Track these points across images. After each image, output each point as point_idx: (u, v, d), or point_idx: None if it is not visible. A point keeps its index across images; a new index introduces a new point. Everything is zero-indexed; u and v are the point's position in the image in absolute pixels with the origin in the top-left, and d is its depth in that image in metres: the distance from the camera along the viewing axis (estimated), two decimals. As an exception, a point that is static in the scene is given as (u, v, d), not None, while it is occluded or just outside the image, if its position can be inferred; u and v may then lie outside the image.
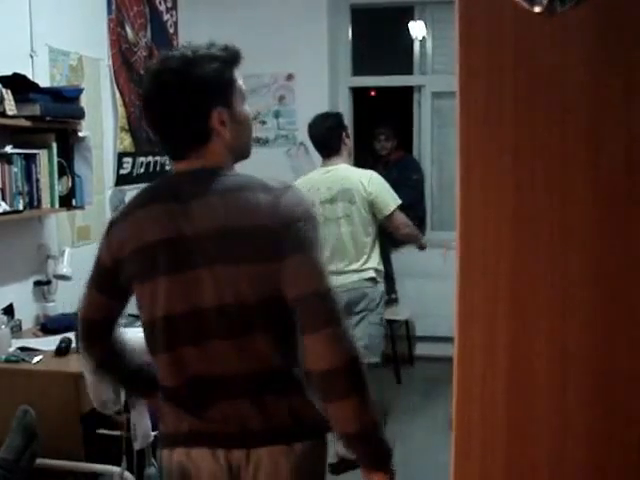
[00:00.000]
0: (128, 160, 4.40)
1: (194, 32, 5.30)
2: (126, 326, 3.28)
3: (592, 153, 0.82)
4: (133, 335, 2.55)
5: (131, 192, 4.44)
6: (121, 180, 4.32)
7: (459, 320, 0.87)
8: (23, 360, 2.83)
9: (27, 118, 3.01)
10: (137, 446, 2.57)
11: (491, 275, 0.85)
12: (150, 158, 4.68)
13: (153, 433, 2.55)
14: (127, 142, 4.38)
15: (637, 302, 0.82)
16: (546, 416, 0.85)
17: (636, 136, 0.81)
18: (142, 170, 4.59)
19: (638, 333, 0.82)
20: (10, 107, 2.89)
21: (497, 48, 0.84)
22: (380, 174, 3.86)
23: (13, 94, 2.92)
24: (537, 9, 0.80)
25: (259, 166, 3.76)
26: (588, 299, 0.83)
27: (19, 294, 3.38)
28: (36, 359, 2.84)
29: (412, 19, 5.82)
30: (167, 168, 4.96)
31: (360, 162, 4.83)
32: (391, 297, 5.40)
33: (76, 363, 2.73)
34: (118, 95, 4.23)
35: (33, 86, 3.07)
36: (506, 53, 0.83)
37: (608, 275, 0.82)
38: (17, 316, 3.31)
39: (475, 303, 0.86)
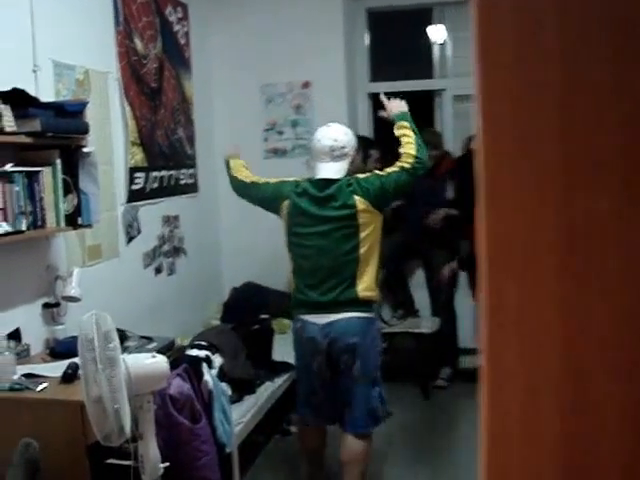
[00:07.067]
0: (140, 175, 4.26)
1: (206, 43, 5.18)
2: (137, 349, 3.16)
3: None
4: (142, 361, 2.42)
5: (144, 208, 4.29)
6: (133, 196, 4.17)
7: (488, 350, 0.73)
8: (27, 388, 2.69)
9: (28, 134, 2.87)
10: (146, 479, 2.41)
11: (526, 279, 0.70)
12: (164, 172, 4.54)
13: (162, 465, 2.39)
14: (139, 157, 4.24)
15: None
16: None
17: None
18: (156, 185, 4.45)
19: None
20: (9, 123, 2.77)
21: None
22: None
23: (12, 110, 2.80)
24: None
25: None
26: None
27: (27, 317, 3.25)
28: (41, 387, 2.69)
29: (430, 22, 5.66)
30: (182, 182, 4.82)
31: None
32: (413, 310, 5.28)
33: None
34: (128, 109, 4.10)
35: (33, 101, 2.94)
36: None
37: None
38: (25, 340, 3.18)
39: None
